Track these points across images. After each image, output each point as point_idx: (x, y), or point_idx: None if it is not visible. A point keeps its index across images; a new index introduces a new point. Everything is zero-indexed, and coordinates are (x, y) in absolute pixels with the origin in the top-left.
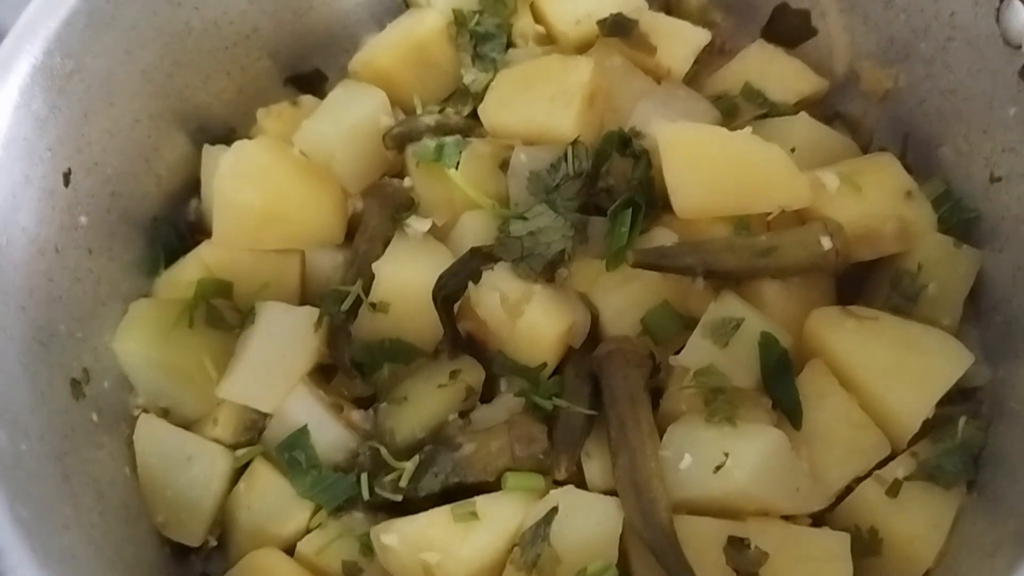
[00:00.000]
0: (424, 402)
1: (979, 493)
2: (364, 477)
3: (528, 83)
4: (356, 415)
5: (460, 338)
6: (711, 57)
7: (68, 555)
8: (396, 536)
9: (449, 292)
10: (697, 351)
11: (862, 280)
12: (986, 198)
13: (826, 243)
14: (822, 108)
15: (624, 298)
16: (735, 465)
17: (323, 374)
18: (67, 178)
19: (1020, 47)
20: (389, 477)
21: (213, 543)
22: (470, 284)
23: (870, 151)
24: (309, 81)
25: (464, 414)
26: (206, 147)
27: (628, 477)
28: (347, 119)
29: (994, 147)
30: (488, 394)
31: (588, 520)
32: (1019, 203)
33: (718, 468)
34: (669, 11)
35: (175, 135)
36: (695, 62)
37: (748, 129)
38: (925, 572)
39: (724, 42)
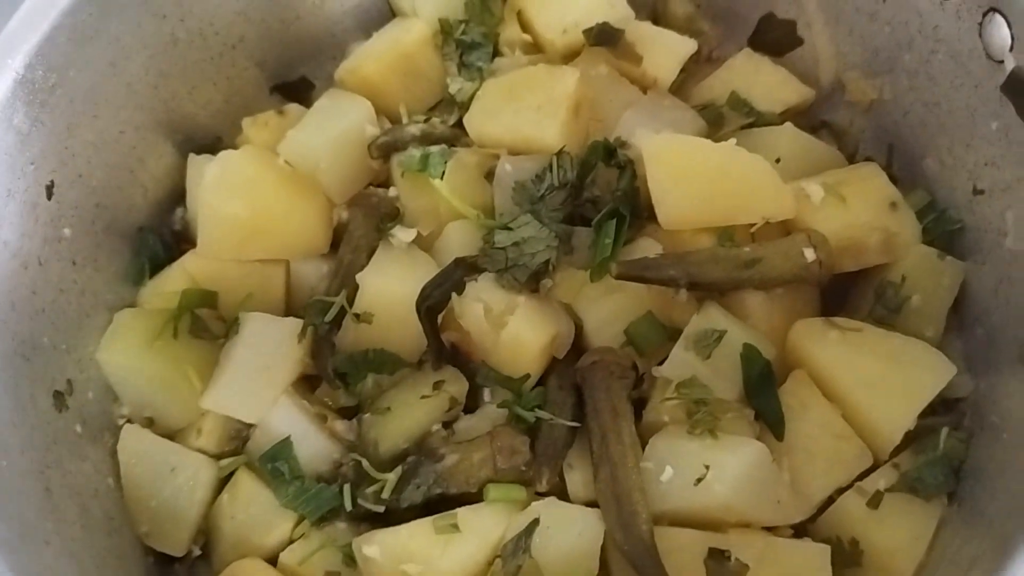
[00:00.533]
0: (407, 413)
1: (960, 505)
2: (347, 488)
3: (514, 93)
4: (340, 425)
5: (444, 349)
6: (698, 66)
7: (48, 571)
8: (378, 548)
9: (433, 303)
10: (679, 363)
11: (847, 291)
12: (969, 210)
13: (810, 255)
14: (808, 117)
15: (608, 309)
16: (716, 478)
17: (307, 384)
18: (50, 191)
19: (1002, 62)
20: (372, 488)
21: (197, 553)
22: (454, 295)
23: (856, 161)
24: (296, 89)
25: (447, 425)
26: (192, 157)
27: (609, 489)
28: (332, 129)
29: (977, 160)
30: (472, 404)
31: (569, 532)
32: (1000, 216)
33: (699, 481)
34: (656, 20)
35: (161, 145)
36: (682, 71)
37: (732, 140)
38: None
39: (711, 51)
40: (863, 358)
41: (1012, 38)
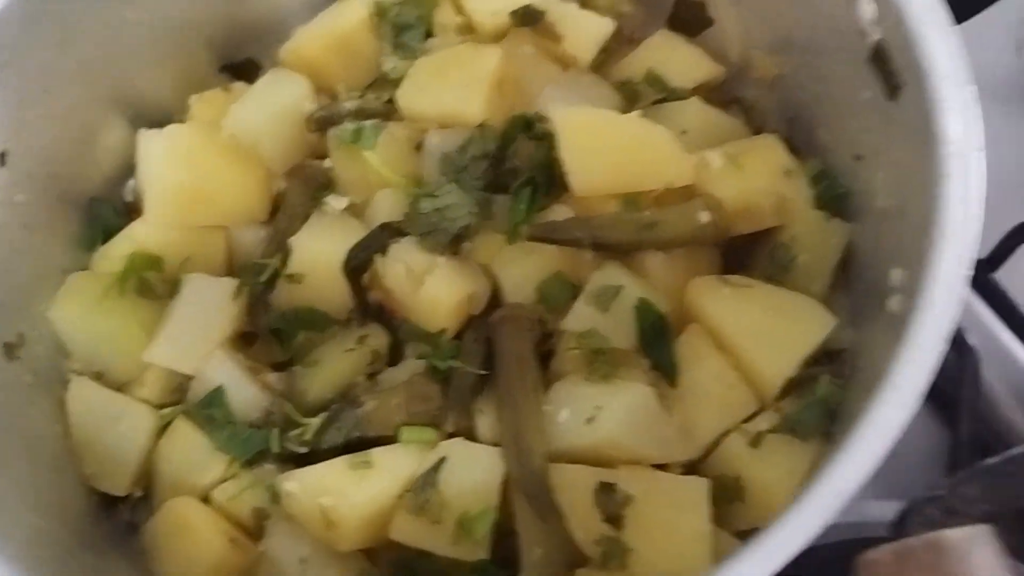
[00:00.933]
0: (333, 365)
1: (832, 443)
2: (275, 432)
3: (441, 70)
4: (271, 377)
5: (369, 307)
6: (620, 45)
7: None
8: (297, 483)
9: (358, 264)
10: (581, 316)
11: (749, 253)
12: (853, 175)
13: (704, 217)
14: (721, 93)
15: (522, 269)
16: (605, 417)
17: (245, 341)
18: (3, 159)
19: (869, 34)
20: (296, 431)
21: (139, 494)
22: (378, 256)
23: (764, 133)
24: (243, 69)
25: (372, 376)
26: (141, 131)
27: (510, 429)
28: (273, 105)
29: (857, 128)
30: (397, 358)
31: (473, 469)
32: (873, 179)
33: (590, 420)
34: (584, 4)
35: (112, 120)
36: (604, 50)
37: (637, 113)
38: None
39: (633, 31)
40: (751, 311)
41: (877, 11)
